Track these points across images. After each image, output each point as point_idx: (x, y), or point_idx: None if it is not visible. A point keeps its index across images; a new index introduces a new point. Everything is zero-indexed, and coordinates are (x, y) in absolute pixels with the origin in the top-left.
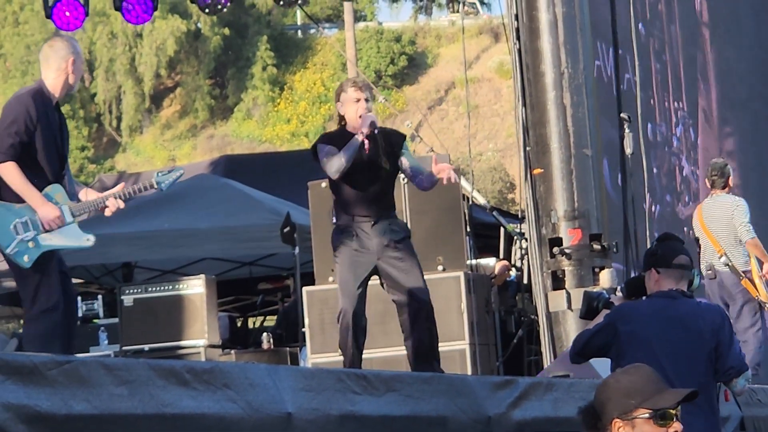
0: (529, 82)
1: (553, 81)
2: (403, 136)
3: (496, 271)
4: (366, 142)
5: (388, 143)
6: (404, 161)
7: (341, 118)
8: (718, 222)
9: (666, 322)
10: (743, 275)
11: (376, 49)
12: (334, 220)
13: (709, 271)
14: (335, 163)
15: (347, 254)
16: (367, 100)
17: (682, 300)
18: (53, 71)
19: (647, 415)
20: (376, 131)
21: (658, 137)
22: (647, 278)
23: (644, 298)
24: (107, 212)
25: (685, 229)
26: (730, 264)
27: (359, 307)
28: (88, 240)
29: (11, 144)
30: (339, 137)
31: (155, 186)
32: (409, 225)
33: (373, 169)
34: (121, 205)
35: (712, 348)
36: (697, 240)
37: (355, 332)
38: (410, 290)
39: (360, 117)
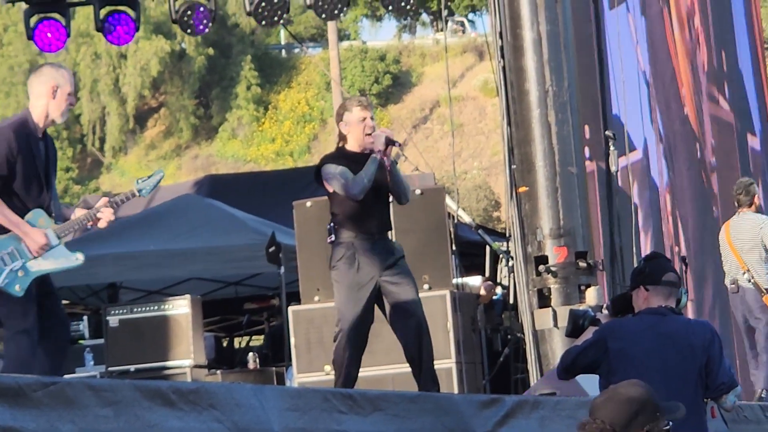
0: (514, 100)
1: (538, 99)
2: (396, 159)
3: (481, 291)
4: (385, 159)
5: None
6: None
7: (341, 137)
8: (744, 239)
9: (656, 339)
10: (765, 291)
11: (360, 68)
12: (333, 238)
13: (733, 285)
14: (357, 185)
15: (348, 274)
16: (372, 119)
17: (671, 317)
18: (36, 98)
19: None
20: (397, 144)
21: None
22: (635, 296)
23: (632, 315)
24: (101, 224)
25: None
26: (752, 280)
27: (360, 328)
28: (78, 259)
29: None
30: (342, 158)
31: (137, 194)
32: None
33: (380, 188)
34: (112, 214)
35: (703, 364)
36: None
37: (353, 351)
38: (408, 310)
39: (371, 135)
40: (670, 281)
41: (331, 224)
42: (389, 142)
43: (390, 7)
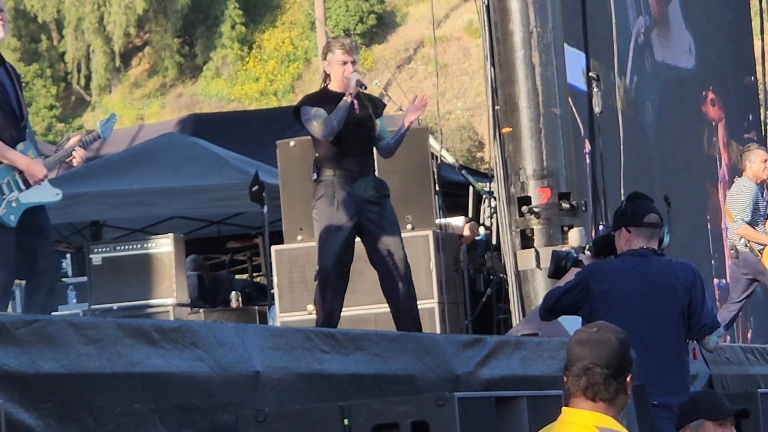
0: (498, 41)
1: (522, 40)
2: (384, 105)
3: (464, 231)
4: (355, 102)
5: (373, 105)
6: (377, 123)
7: (326, 76)
8: (731, 202)
9: (638, 280)
10: (759, 254)
11: (344, 8)
12: (315, 176)
13: (732, 251)
14: (327, 127)
15: (327, 212)
16: (354, 62)
17: (653, 258)
18: None
19: None
20: (362, 88)
21: None
22: (617, 237)
23: (614, 257)
24: (75, 162)
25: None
26: (748, 245)
27: (339, 266)
28: (58, 195)
29: None
30: (322, 97)
31: (101, 135)
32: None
33: (360, 127)
34: (83, 153)
35: (685, 305)
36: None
37: (333, 290)
38: (389, 249)
39: (346, 78)
40: (652, 222)
41: (314, 162)
42: (359, 85)
43: None
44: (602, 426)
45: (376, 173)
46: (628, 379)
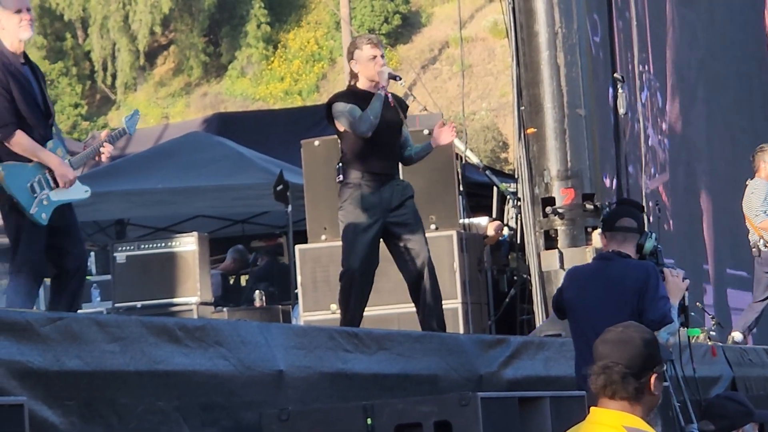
0: (523, 42)
1: (547, 41)
2: (407, 107)
3: (489, 231)
4: (389, 95)
5: (400, 107)
6: (404, 128)
7: (352, 76)
8: (746, 205)
9: (597, 283)
10: None
11: (370, 8)
12: (341, 178)
13: (754, 249)
14: (365, 122)
15: (354, 214)
16: (382, 56)
17: (616, 261)
18: (2, 26)
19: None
20: (398, 80)
21: None
22: (602, 241)
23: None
24: (103, 158)
25: (650, 203)
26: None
27: (365, 267)
28: (87, 192)
29: (5, 108)
30: (352, 95)
31: (127, 131)
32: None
33: (390, 128)
34: (111, 148)
35: (635, 305)
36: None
37: (359, 291)
38: (414, 250)
39: (377, 72)
40: (624, 227)
41: (340, 164)
42: (392, 77)
43: None
44: (630, 426)
45: (401, 173)
46: (653, 378)
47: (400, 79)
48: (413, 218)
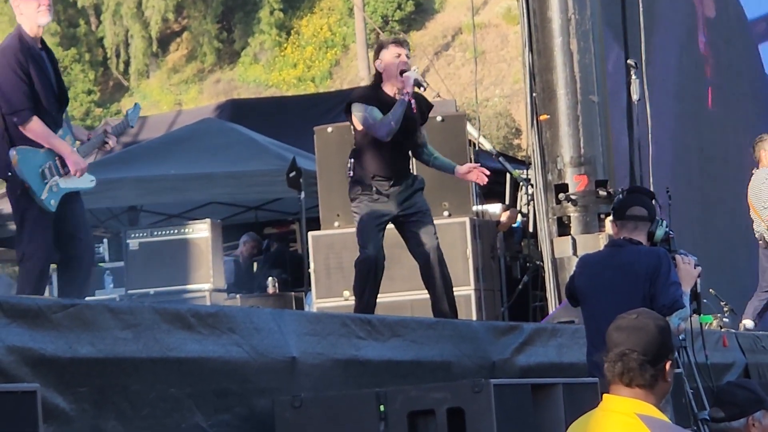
0: (536, 28)
1: (560, 27)
2: (431, 106)
3: (502, 218)
4: (412, 101)
5: (419, 108)
6: (422, 131)
7: (378, 75)
8: (753, 195)
9: (609, 271)
10: None
11: None
12: (351, 174)
13: (761, 241)
14: (385, 127)
15: (366, 203)
16: (408, 56)
17: (627, 248)
18: (19, 13)
19: None
20: (421, 88)
21: None
22: (612, 229)
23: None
24: (110, 145)
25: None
26: None
27: (381, 255)
28: (92, 181)
29: (24, 93)
30: (375, 97)
31: (129, 124)
32: (414, 171)
33: (407, 131)
34: (115, 139)
35: (647, 290)
36: None
37: (374, 279)
38: (422, 239)
39: (403, 77)
40: (634, 215)
41: (351, 160)
42: (417, 84)
43: None
44: (643, 413)
45: (413, 160)
46: (668, 366)
47: (426, 86)
48: (421, 208)
